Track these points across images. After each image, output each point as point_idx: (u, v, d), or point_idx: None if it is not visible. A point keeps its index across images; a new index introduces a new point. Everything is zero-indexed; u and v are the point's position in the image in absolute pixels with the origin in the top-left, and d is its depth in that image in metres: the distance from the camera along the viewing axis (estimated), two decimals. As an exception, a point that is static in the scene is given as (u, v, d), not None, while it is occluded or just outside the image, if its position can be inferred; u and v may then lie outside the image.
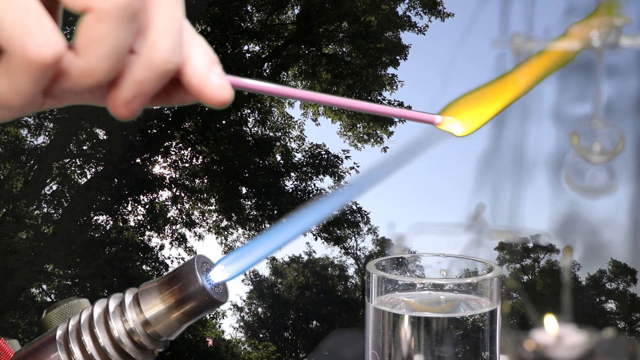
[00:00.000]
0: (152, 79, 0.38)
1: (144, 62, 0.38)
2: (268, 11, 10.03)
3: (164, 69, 0.38)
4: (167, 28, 0.38)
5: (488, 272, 0.60)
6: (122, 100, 0.39)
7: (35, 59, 0.34)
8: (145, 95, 0.39)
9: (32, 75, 0.35)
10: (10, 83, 0.36)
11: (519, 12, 0.74)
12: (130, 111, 0.39)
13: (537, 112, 0.77)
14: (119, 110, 0.39)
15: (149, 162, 9.25)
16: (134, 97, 0.39)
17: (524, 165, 0.80)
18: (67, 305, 0.59)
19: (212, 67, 0.40)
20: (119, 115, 0.39)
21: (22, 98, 0.36)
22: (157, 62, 0.38)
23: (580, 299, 12.61)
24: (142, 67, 0.38)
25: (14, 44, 0.34)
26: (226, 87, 0.40)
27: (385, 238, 11.40)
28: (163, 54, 0.38)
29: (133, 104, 0.39)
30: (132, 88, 0.38)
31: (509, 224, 0.83)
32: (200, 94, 0.40)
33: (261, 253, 0.47)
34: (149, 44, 0.38)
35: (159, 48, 0.38)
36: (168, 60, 0.38)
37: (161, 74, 0.38)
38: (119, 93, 0.39)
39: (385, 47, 9.95)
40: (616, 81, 0.73)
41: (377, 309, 0.59)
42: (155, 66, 0.38)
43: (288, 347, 14.32)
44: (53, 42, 0.35)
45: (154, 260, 9.09)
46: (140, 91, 0.39)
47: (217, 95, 0.40)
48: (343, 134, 10.51)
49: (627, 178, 0.74)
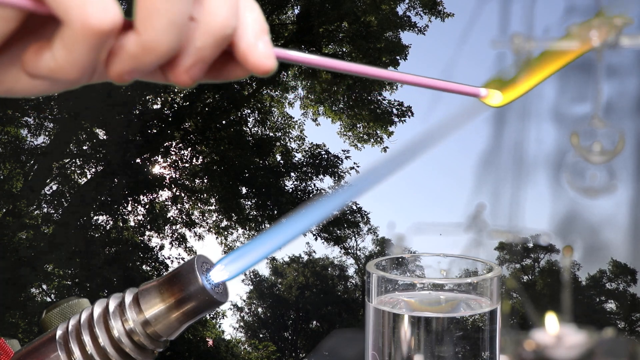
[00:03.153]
0: (211, 45, 0.39)
1: (203, 28, 0.38)
2: (268, 11, 10.03)
3: (222, 34, 0.39)
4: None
5: (488, 272, 0.60)
6: (184, 68, 0.39)
7: (94, 27, 0.35)
8: (205, 61, 0.39)
9: (89, 44, 0.35)
10: (67, 53, 0.36)
11: (519, 12, 0.74)
12: (192, 78, 0.40)
13: (537, 112, 0.77)
14: (181, 77, 0.39)
15: (149, 162, 9.25)
16: (195, 63, 0.39)
17: (524, 165, 0.80)
18: (67, 305, 0.59)
19: (261, 34, 0.41)
20: (181, 83, 0.40)
21: (79, 69, 0.36)
22: (215, 27, 0.38)
23: (580, 299, 12.61)
24: (201, 34, 0.38)
25: (74, 12, 0.34)
26: (271, 56, 0.41)
27: (385, 238, 11.40)
28: (221, 19, 0.38)
29: (194, 70, 0.39)
30: (192, 55, 0.39)
31: (509, 224, 0.83)
32: (245, 60, 0.40)
33: (261, 253, 0.47)
34: (206, 10, 0.38)
35: (217, 14, 0.38)
36: (226, 25, 0.39)
37: (220, 40, 0.39)
38: (180, 61, 0.39)
39: (385, 47, 9.94)
40: (616, 81, 0.74)
41: (377, 309, 0.59)
42: (214, 32, 0.38)
43: (288, 347, 14.32)
44: (111, 9, 0.35)
45: (154, 260, 9.09)
46: (200, 57, 0.39)
47: (262, 63, 0.40)
48: (343, 134, 10.51)
49: (627, 178, 0.74)
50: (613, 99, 0.74)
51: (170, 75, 0.40)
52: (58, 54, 0.36)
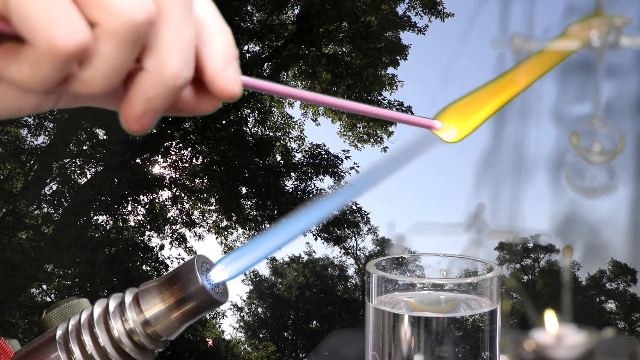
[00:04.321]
0: (162, 95, 0.38)
1: (154, 78, 0.38)
2: (268, 11, 10.03)
3: (174, 85, 0.38)
4: (177, 44, 0.38)
5: (488, 272, 0.60)
6: (134, 116, 0.39)
7: (62, 49, 0.34)
8: (156, 110, 0.39)
9: (55, 64, 0.35)
10: (32, 71, 0.36)
11: (519, 12, 0.74)
12: (142, 126, 0.39)
13: (537, 112, 0.77)
14: (131, 125, 0.39)
15: (149, 162, 9.25)
16: (145, 112, 0.39)
17: (524, 165, 0.81)
18: (67, 305, 0.59)
19: (231, 60, 0.41)
20: (131, 130, 0.40)
21: (41, 86, 0.36)
22: (166, 78, 0.38)
23: (580, 299, 12.61)
24: (152, 83, 0.38)
25: (40, 33, 0.34)
26: (238, 82, 0.41)
27: (385, 238, 11.40)
28: (172, 70, 0.38)
29: (144, 119, 0.39)
30: (143, 104, 0.39)
31: (509, 224, 0.83)
32: (212, 84, 0.40)
33: (261, 253, 0.47)
34: (158, 61, 0.38)
35: (169, 65, 0.38)
36: (178, 77, 0.38)
37: (171, 90, 0.38)
38: (131, 108, 0.39)
39: (385, 47, 9.94)
40: (616, 81, 0.74)
41: (377, 309, 0.59)
42: (165, 82, 0.38)
43: (288, 347, 14.32)
44: (80, 31, 0.35)
45: (154, 260, 9.09)
46: (151, 107, 0.39)
47: (229, 88, 0.40)
48: (343, 134, 10.51)
49: (627, 178, 0.74)
50: (613, 99, 0.74)
51: (122, 121, 0.39)
52: (23, 69, 0.36)
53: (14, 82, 0.37)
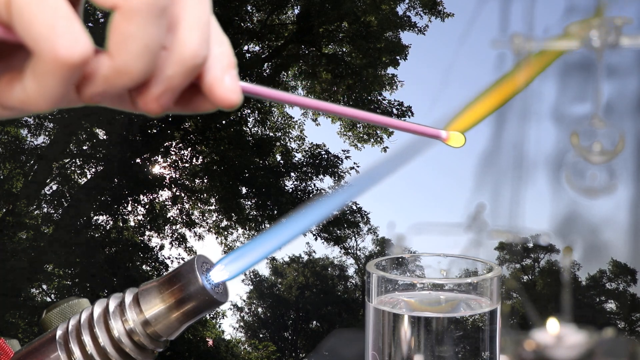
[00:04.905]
0: (181, 74, 0.39)
1: (174, 57, 0.38)
2: (268, 11, 10.03)
3: (193, 64, 0.39)
4: (196, 23, 0.38)
5: (488, 272, 0.60)
6: (153, 96, 0.39)
7: (64, 60, 0.34)
8: (174, 90, 0.39)
9: (59, 76, 0.35)
10: (37, 85, 0.36)
11: (519, 12, 0.74)
12: (161, 106, 0.40)
13: (537, 112, 0.77)
14: (150, 105, 0.39)
15: (149, 162, 9.25)
16: (164, 92, 0.39)
17: (524, 165, 0.81)
18: (67, 305, 0.59)
19: (228, 69, 0.41)
20: (150, 111, 0.40)
21: (49, 100, 0.36)
22: (186, 56, 0.38)
23: (580, 299, 12.61)
24: (172, 62, 0.38)
25: (43, 44, 0.34)
26: (237, 91, 0.41)
27: (385, 238, 11.40)
28: (192, 48, 0.38)
29: (163, 99, 0.39)
30: (162, 83, 0.39)
31: (509, 224, 0.83)
32: (211, 93, 0.40)
33: (261, 253, 0.47)
34: (178, 39, 0.38)
35: (189, 43, 0.38)
36: (197, 55, 0.38)
37: (190, 69, 0.39)
38: (150, 89, 0.39)
39: (385, 47, 9.94)
40: (616, 81, 0.74)
41: (377, 309, 0.59)
42: (184, 61, 0.38)
43: (288, 347, 14.31)
44: (81, 42, 0.35)
45: (154, 260, 9.09)
46: (170, 86, 0.39)
47: (227, 97, 0.40)
48: (343, 134, 10.51)
49: (627, 178, 0.74)
50: (613, 99, 0.74)
51: (140, 102, 0.39)
52: (28, 86, 0.36)
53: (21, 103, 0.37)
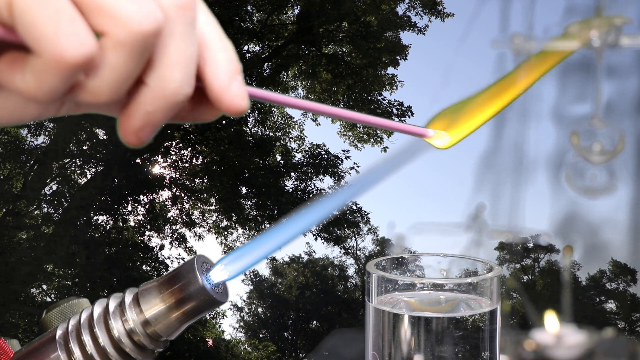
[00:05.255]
0: (161, 110, 0.39)
1: (154, 93, 0.38)
2: (268, 11, 10.03)
3: (174, 101, 0.39)
4: (178, 61, 0.38)
5: (488, 272, 0.60)
6: (132, 129, 0.39)
7: (68, 60, 0.34)
8: (154, 124, 0.39)
9: (61, 75, 0.35)
10: (37, 81, 0.35)
11: (519, 12, 0.74)
12: (139, 139, 0.40)
13: (537, 112, 0.77)
14: (129, 138, 0.40)
15: (149, 162, 9.25)
16: (143, 126, 0.39)
17: (524, 165, 0.80)
18: (67, 305, 0.59)
19: (234, 75, 0.41)
20: (129, 143, 0.40)
21: (47, 96, 0.36)
22: (166, 94, 0.38)
23: (580, 299, 12.61)
24: (152, 98, 0.38)
25: (46, 44, 0.34)
26: (244, 96, 0.41)
27: (385, 238, 11.40)
28: (173, 86, 0.38)
29: (142, 132, 0.39)
30: (141, 118, 0.39)
31: (509, 224, 0.83)
32: (219, 101, 0.40)
33: (261, 253, 0.47)
34: (159, 76, 0.38)
35: (170, 80, 0.38)
36: (178, 93, 0.38)
37: (171, 106, 0.39)
38: (129, 121, 0.39)
39: (385, 47, 9.94)
40: (616, 81, 0.73)
41: (377, 309, 0.59)
42: (165, 98, 0.38)
43: (288, 347, 14.32)
44: (86, 42, 0.35)
45: (154, 260, 9.09)
46: (149, 121, 0.39)
47: (236, 104, 0.40)
48: (343, 134, 10.51)
49: (627, 178, 0.74)
50: (613, 99, 0.74)
51: (120, 133, 0.40)
52: (28, 79, 0.36)
53: (19, 91, 0.37)
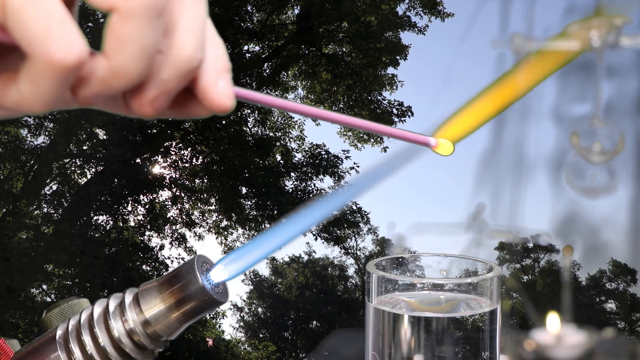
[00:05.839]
0: (176, 77, 0.39)
1: (169, 60, 0.38)
2: (268, 11, 10.02)
3: (188, 67, 0.39)
4: (192, 27, 0.38)
5: (488, 272, 0.60)
6: (148, 99, 0.39)
7: (59, 62, 0.34)
8: (169, 93, 0.39)
9: (54, 79, 0.35)
10: (32, 87, 0.36)
11: (519, 12, 0.74)
12: (155, 109, 0.40)
13: (537, 112, 0.77)
14: (145, 108, 0.39)
15: (149, 162, 9.25)
16: (159, 95, 0.39)
17: (524, 165, 0.80)
18: (67, 305, 0.59)
19: (223, 73, 0.41)
20: (144, 114, 0.40)
21: (43, 103, 0.36)
22: (182, 60, 0.38)
23: (580, 299, 12.61)
24: (167, 66, 0.38)
25: (38, 47, 0.34)
26: (230, 96, 0.41)
27: (385, 238, 11.40)
28: (188, 52, 0.38)
29: (158, 102, 0.39)
30: (157, 86, 0.39)
31: (509, 224, 0.83)
32: (205, 97, 0.40)
33: (261, 253, 0.47)
34: (174, 43, 0.38)
35: (185, 47, 0.38)
36: (192, 59, 0.39)
37: (185, 72, 0.39)
38: (145, 92, 0.39)
39: (385, 47, 9.94)
40: (616, 81, 0.74)
41: (377, 309, 0.59)
42: (180, 64, 0.38)
43: (288, 347, 14.31)
44: (76, 45, 0.35)
45: (154, 260, 9.09)
46: (165, 89, 0.39)
47: (220, 101, 0.40)
48: (343, 134, 10.51)
49: (627, 178, 0.74)
50: (613, 99, 0.74)
51: (134, 105, 0.39)
52: (23, 87, 0.36)
53: (16, 104, 0.37)
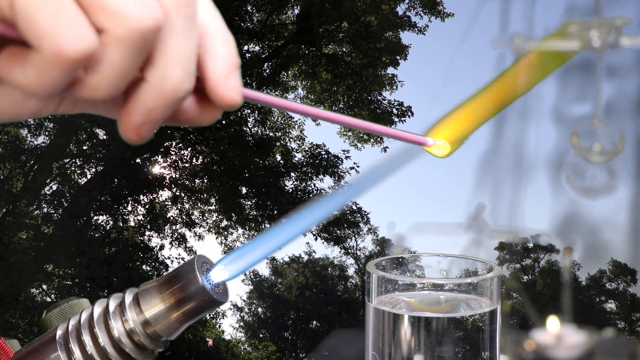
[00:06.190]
0: (161, 107, 0.39)
1: (154, 90, 0.38)
2: (268, 11, 10.02)
3: (174, 97, 0.39)
4: (178, 57, 0.38)
5: (488, 272, 0.60)
6: (133, 126, 0.39)
7: (68, 55, 0.34)
8: (154, 121, 0.39)
9: (62, 71, 0.35)
10: (38, 76, 0.36)
11: (519, 12, 0.74)
12: (140, 136, 0.40)
13: (537, 112, 0.77)
14: (130, 135, 0.40)
15: (149, 162, 9.25)
16: (144, 123, 0.39)
17: (524, 165, 0.80)
18: (67, 305, 0.59)
19: (232, 69, 0.41)
20: (130, 140, 0.40)
21: (47, 90, 0.36)
22: (167, 90, 0.38)
23: (580, 299, 12.61)
24: (152, 95, 0.38)
25: (47, 39, 0.34)
26: (239, 91, 0.41)
27: (385, 238, 11.40)
28: (173, 82, 0.38)
29: (142, 129, 0.39)
30: (142, 114, 0.39)
31: (509, 224, 0.83)
32: (214, 91, 0.40)
33: (261, 253, 0.47)
34: (159, 73, 0.38)
35: (170, 77, 0.38)
36: (178, 89, 0.38)
37: (170, 102, 0.39)
38: (130, 118, 0.39)
39: (385, 47, 9.94)
40: (616, 81, 0.73)
41: (377, 309, 0.59)
42: (165, 94, 0.38)
43: (288, 347, 14.31)
44: (86, 37, 0.35)
45: (154, 260, 9.09)
46: (149, 118, 0.39)
47: (229, 96, 0.41)
48: (343, 134, 10.51)
49: (627, 178, 0.74)
50: (613, 99, 0.74)
51: (120, 129, 0.40)
52: (29, 74, 0.36)
53: (19, 86, 0.37)
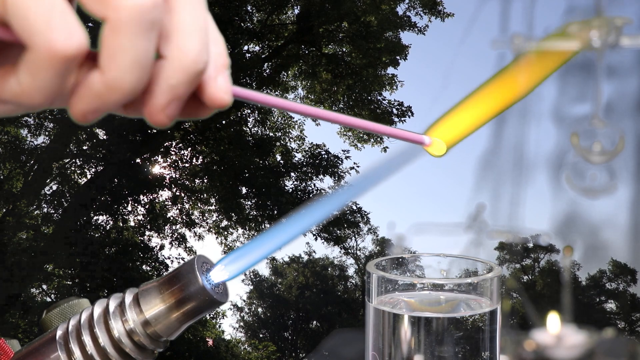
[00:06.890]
0: (185, 82, 0.38)
1: (174, 65, 0.38)
2: (268, 11, 10.02)
3: (195, 70, 0.38)
4: (193, 29, 0.38)
5: (488, 272, 0.60)
6: (159, 107, 0.39)
7: (60, 52, 0.34)
8: (180, 98, 0.39)
9: (54, 69, 0.35)
10: (32, 79, 0.36)
11: (519, 12, 0.74)
12: (168, 117, 0.39)
13: (537, 112, 0.77)
14: (157, 117, 0.39)
15: (149, 162, 9.25)
16: (170, 101, 0.39)
17: (524, 165, 0.81)
18: (67, 305, 0.59)
19: (222, 69, 0.40)
20: (157, 123, 0.39)
21: (43, 94, 0.36)
22: (187, 63, 0.38)
23: (580, 299, 12.61)
24: (173, 71, 0.38)
25: (38, 38, 0.34)
26: (228, 91, 0.41)
27: (385, 238, 11.40)
28: (192, 54, 0.38)
29: (170, 109, 0.39)
30: (166, 93, 0.38)
31: (509, 224, 0.83)
32: (202, 92, 0.40)
33: (261, 253, 0.47)
34: (176, 47, 0.38)
35: (187, 50, 0.38)
36: (198, 60, 0.38)
37: (193, 75, 0.38)
38: (154, 100, 0.38)
39: (385, 47, 9.94)
40: (616, 81, 0.74)
41: (377, 309, 0.59)
42: (186, 68, 0.38)
43: (288, 347, 14.31)
44: (77, 35, 0.35)
45: (154, 260, 9.09)
46: (175, 95, 0.38)
47: (218, 97, 0.40)
48: (343, 134, 10.51)
49: (627, 178, 0.74)
50: (613, 99, 0.74)
51: (146, 115, 0.39)
52: (23, 79, 0.36)
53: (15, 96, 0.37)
